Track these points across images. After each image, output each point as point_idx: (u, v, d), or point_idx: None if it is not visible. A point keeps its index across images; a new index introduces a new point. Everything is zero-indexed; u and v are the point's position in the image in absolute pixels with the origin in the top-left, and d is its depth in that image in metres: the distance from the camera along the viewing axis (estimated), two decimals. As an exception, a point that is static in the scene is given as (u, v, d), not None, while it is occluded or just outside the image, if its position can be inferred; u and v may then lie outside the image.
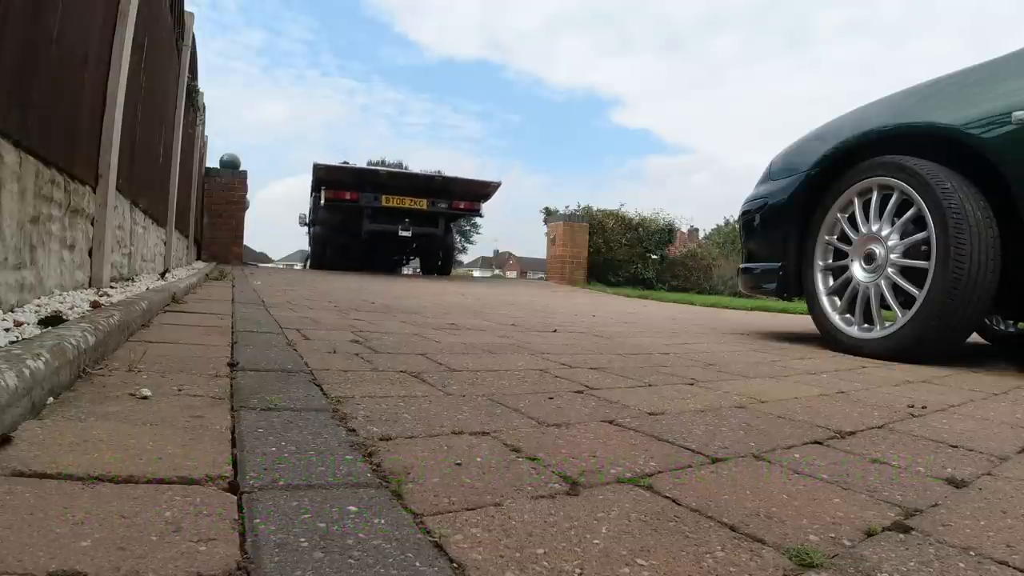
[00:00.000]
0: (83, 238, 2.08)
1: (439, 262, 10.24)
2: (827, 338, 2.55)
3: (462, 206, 8.80)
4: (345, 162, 9.15)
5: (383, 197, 8.15)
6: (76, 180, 1.94)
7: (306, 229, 13.15)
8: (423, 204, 8.40)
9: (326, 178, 8.14)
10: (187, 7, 4.77)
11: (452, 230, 10.03)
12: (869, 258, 2.38)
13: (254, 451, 0.75)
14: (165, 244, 4.47)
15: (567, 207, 11.36)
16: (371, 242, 8.93)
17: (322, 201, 8.13)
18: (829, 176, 2.61)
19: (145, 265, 3.60)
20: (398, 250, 10.67)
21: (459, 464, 0.78)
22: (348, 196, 8.03)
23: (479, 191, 8.94)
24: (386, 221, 8.34)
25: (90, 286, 2.16)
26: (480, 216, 9.16)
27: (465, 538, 0.56)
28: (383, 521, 0.58)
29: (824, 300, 2.58)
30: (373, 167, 9.77)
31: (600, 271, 10.74)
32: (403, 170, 9.55)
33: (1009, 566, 0.58)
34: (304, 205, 12.86)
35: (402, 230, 8.35)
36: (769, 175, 3.04)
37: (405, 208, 8.33)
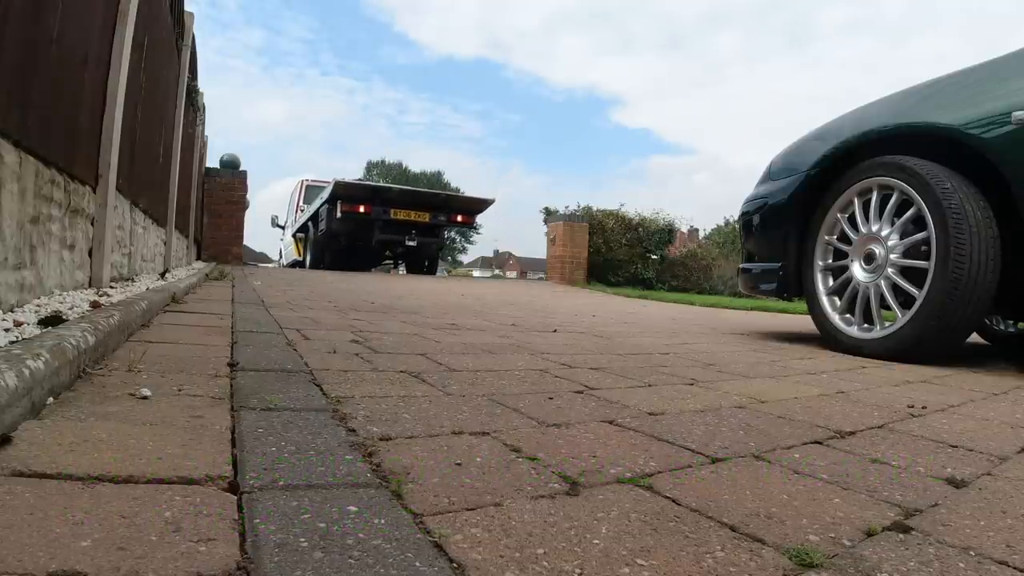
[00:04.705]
0: (83, 238, 2.08)
1: (425, 265, 11.25)
2: (827, 338, 2.55)
3: (459, 219, 9.97)
4: (360, 179, 10.10)
5: (392, 210, 9.10)
6: (76, 180, 1.94)
7: (280, 232, 14.86)
8: (426, 217, 9.47)
9: (343, 193, 9.01)
10: (187, 7, 4.77)
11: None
12: (869, 258, 2.38)
13: (254, 451, 0.75)
14: (165, 244, 4.46)
15: (567, 207, 11.38)
16: (367, 247, 9.81)
17: (338, 213, 8.95)
18: (829, 176, 2.61)
19: (145, 265, 3.60)
20: (392, 254, 11.67)
21: (459, 464, 0.78)
22: (362, 209, 8.99)
23: (475, 207, 10.10)
24: (394, 232, 9.36)
25: (90, 286, 2.16)
26: (474, 228, 10.20)
27: (465, 538, 0.56)
28: (383, 521, 0.58)
29: (824, 300, 2.58)
30: (386, 185, 10.88)
31: (600, 271, 10.73)
32: (411, 188, 10.72)
33: (1009, 566, 0.58)
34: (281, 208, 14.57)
35: (409, 240, 9.38)
36: (769, 175, 3.04)
37: (411, 221, 9.36)
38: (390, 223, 9.21)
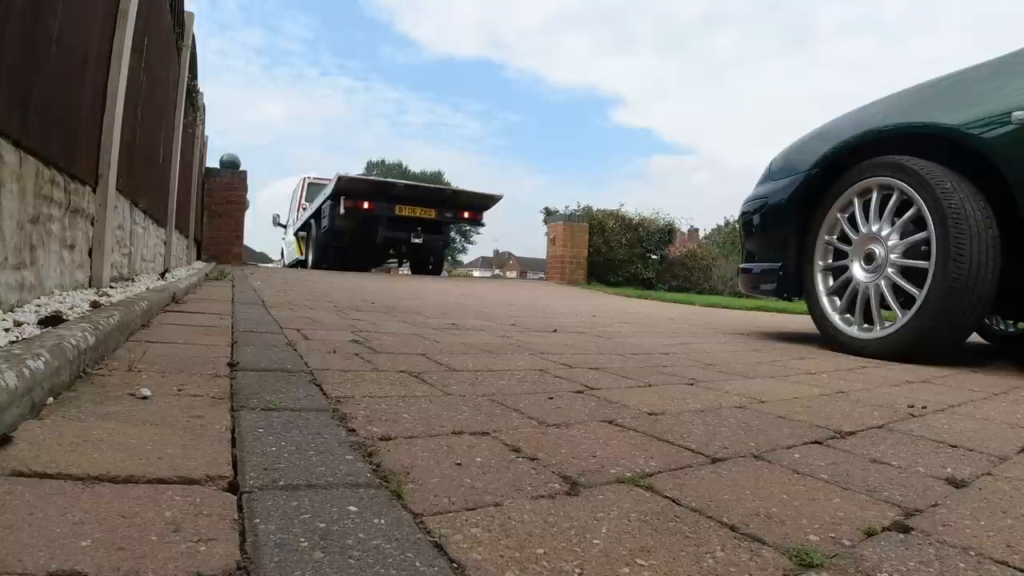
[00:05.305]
0: (83, 238, 2.08)
1: (430, 264, 10.95)
2: (827, 338, 2.55)
3: (466, 215, 9.70)
4: (362, 174, 9.95)
5: (397, 207, 8.89)
6: (76, 180, 1.94)
7: (282, 231, 14.53)
8: (432, 213, 9.18)
9: (347, 189, 8.73)
10: (187, 7, 4.77)
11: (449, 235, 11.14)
12: (869, 258, 2.38)
13: (254, 451, 0.75)
14: (165, 244, 4.46)
15: (567, 207, 11.38)
16: (371, 245, 9.53)
17: (341, 210, 8.70)
18: (829, 176, 2.61)
19: (145, 265, 3.60)
20: (396, 252, 11.40)
21: (459, 464, 0.78)
22: (366, 205, 8.72)
23: (483, 203, 9.69)
24: (399, 229, 9.09)
25: (90, 286, 2.16)
26: (482, 225, 10.02)
27: (465, 538, 0.56)
28: (383, 521, 0.58)
29: (824, 300, 2.58)
30: (391, 180, 10.72)
31: (600, 271, 10.74)
32: (417, 183, 10.42)
33: (1009, 566, 0.58)
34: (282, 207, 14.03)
35: (414, 238, 9.09)
36: (769, 175, 3.04)
37: (416, 217, 9.08)
38: (395, 220, 8.88)
